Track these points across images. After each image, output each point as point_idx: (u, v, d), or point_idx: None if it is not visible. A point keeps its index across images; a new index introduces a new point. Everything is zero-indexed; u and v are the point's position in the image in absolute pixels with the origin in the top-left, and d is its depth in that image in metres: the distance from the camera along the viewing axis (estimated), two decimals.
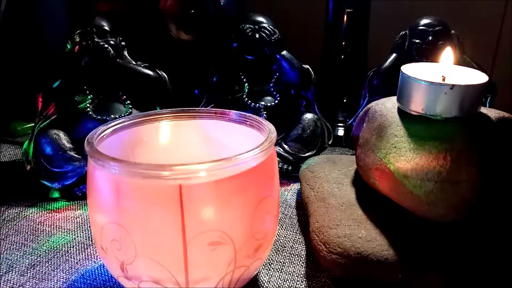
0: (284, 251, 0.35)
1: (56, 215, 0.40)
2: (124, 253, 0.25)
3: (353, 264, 0.29)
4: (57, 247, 0.35)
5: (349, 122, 0.52)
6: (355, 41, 0.59)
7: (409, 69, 0.33)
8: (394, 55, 0.50)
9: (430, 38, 0.46)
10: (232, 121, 0.32)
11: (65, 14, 0.59)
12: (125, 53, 0.48)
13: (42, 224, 0.38)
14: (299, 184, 0.41)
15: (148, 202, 0.24)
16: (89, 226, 0.38)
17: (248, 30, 0.50)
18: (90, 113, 0.44)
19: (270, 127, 0.29)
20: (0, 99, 0.56)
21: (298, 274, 0.33)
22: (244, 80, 0.51)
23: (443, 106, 0.30)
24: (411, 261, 0.28)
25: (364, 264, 0.28)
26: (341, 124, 0.60)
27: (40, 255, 0.34)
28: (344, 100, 0.61)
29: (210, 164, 0.23)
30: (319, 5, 0.63)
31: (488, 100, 0.48)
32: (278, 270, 0.33)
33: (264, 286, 0.31)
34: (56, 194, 0.42)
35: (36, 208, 0.41)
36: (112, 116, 0.44)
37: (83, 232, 0.37)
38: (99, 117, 0.44)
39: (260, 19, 0.51)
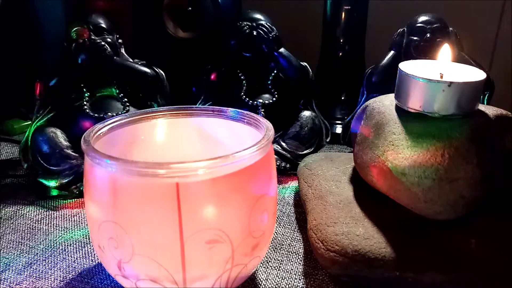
0: (281, 249, 0.35)
1: (54, 214, 0.40)
2: (121, 252, 0.25)
3: (351, 262, 0.28)
4: (54, 245, 0.35)
5: (347, 119, 0.52)
6: (353, 38, 0.59)
7: (407, 66, 0.33)
8: (392, 52, 0.50)
9: (428, 35, 0.46)
10: (230, 119, 0.32)
11: (62, 12, 0.59)
12: (122, 50, 0.48)
13: (39, 222, 0.38)
14: (297, 181, 0.41)
15: (145, 200, 0.23)
16: (86, 225, 0.38)
17: (245, 28, 0.50)
18: (87, 111, 0.44)
19: (267, 124, 0.29)
20: None
21: (296, 272, 0.33)
22: (242, 77, 0.51)
23: (441, 103, 0.30)
24: (408, 259, 0.28)
25: (362, 261, 0.28)
26: (339, 122, 0.60)
27: (37, 253, 0.34)
28: (342, 98, 0.61)
29: (207, 162, 0.23)
30: (317, 3, 0.62)
31: (486, 97, 0.48)
32: (276, 268, 0.33)
33: (262, 284, 0.31)
34: (54, 192, 0.42)
35: (33, 207, 0.41)
36: (109, 114, 0.44)
37: (80, 231, 0.37)
38: (96, 115, 0.44)
39: (258, 16, 0.51)
